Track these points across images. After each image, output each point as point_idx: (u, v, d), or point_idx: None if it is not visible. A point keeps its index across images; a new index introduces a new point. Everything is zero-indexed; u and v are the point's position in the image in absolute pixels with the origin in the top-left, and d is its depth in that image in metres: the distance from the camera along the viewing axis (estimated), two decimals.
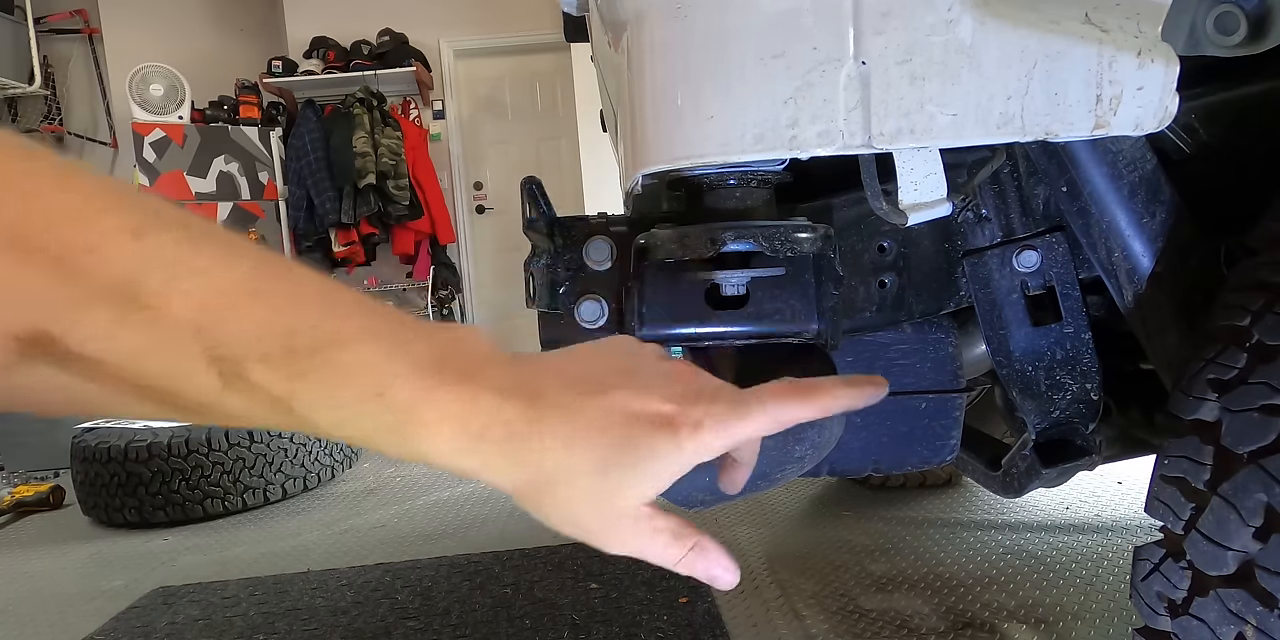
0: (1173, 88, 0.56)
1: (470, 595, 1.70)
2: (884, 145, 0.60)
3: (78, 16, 5.89)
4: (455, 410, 0.35)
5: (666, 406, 0.38)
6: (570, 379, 0.38)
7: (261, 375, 0.32)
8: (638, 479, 0.37)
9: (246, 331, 0.32)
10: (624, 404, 0.37)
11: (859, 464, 0.99)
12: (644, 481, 0.37)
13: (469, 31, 5.73)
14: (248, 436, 2.54)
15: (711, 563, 0.41)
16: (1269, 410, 0.59)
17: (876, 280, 0.90)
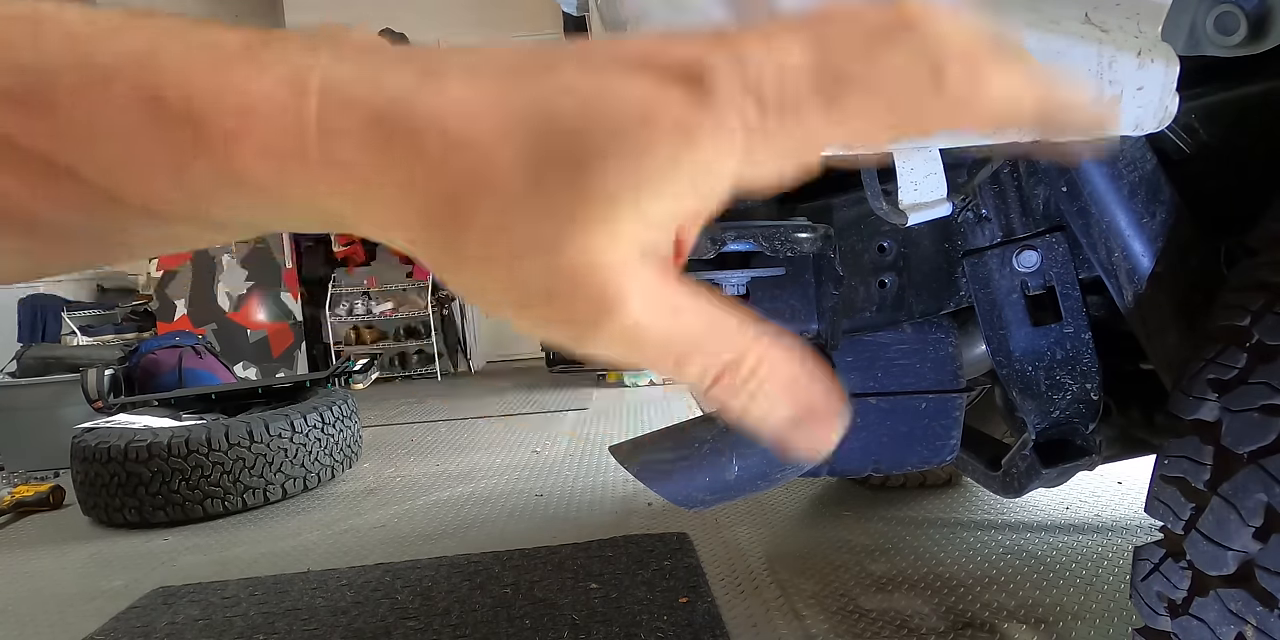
0: (1173, 88, 0.56)
1: (470, 595, 1.70)
2: None
3: None
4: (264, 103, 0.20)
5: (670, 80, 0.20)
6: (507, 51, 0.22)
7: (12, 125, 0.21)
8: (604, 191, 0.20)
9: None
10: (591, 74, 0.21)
11: (859, 464, 0.99)
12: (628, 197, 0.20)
13: (469, 32, 5.74)
14: (247, 436, 2.54)
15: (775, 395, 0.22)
16: (1269, 410, 0.59)
17: (876, 280, 0.90)
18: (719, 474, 0.76)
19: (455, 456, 3.14)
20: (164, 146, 0.21)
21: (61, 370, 3.72)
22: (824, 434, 0.22)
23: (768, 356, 0.22)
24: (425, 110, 0.20)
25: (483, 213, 0.20)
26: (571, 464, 2.84)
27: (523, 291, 0.20)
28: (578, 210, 0.20)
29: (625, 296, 0.20)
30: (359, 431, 3.03)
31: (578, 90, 0.20)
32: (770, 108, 0.20)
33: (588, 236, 0.20)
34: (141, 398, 3.23)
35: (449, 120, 0.20)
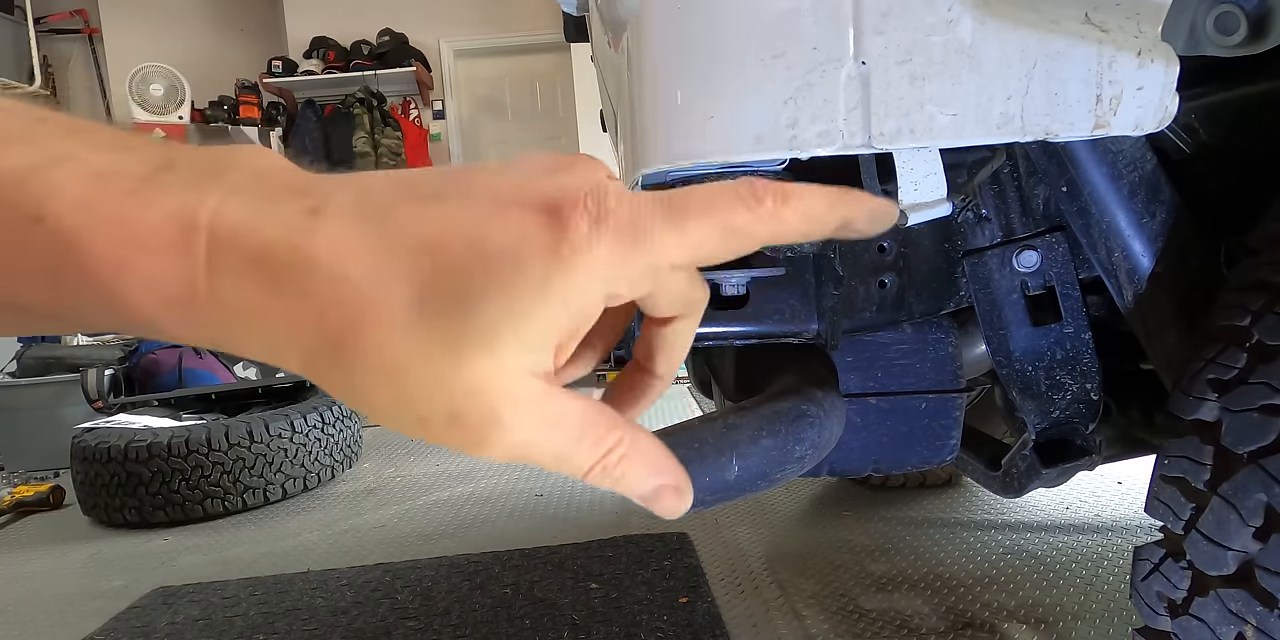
0: (1173, 88, 0.56)
1: (470, 595, 1.70)
2: (884, 145, 0.60)
3: (78, 16, 5.89)
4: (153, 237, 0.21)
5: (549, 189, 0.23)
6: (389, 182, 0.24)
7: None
8: (493, 323, 0.21)
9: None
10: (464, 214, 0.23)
11: (859, 464, 0.99)
12: (505, 327, 0.22)
13: (469, 31, 5.74)
14: (247, 436, 2.54)
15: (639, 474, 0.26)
16: (1269, 410, 0.59)
17: (876, 280, 0.90)
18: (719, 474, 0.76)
19: (455, 456, 3.14)
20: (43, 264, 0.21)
21: (61, 370, 3.72)
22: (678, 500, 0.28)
23: (630, 447, 0.25)
24: (310, 250, 0.21)
25: (368, 347, 0.21)
26: None
27: (420, 417, 0.22)
28: (462, 343, 0.21)
29: (507, 418, 0.22)
30: (359, 431, 3.03)
31: (458, 228, 0.22)
32: (625, 234, 0.23)
33: (473, 367, 0.22)
34: (141, 398, 3.23)
35: (332, 260, 0.21)
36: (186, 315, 0.22)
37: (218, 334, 0.23)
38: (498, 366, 0.22)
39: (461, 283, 0.22)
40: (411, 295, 0.21)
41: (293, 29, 5.68)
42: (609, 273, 0.23)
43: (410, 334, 0.21)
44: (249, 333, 0.22)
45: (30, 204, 0.21)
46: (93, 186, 0.21)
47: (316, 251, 0.21)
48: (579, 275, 0.22)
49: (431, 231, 0.22)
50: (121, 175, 0.22)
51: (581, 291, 0.23)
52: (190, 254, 0.21)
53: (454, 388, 0.22)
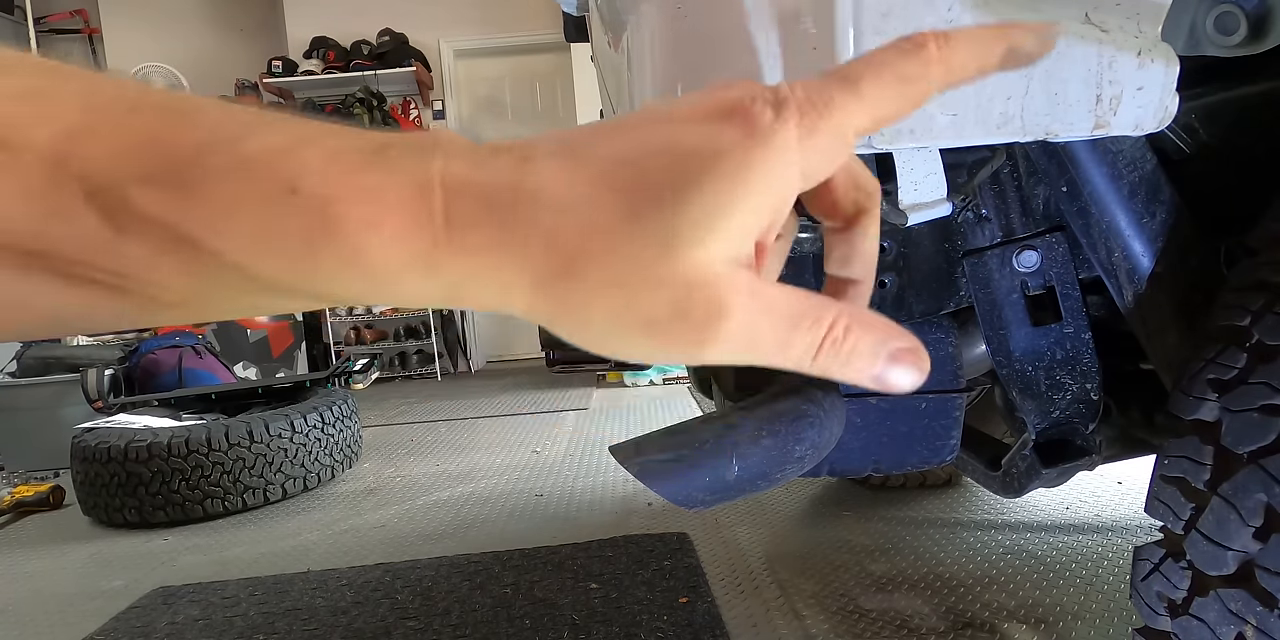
0: (1173, 88, 0.56)
1: (470, 595, 1.70)
2: (884, 145, 0.60)
3: (78, 16, 5.89)
4: (397, 198, 0.24)
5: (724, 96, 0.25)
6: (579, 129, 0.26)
7: (148, 200, 0.24)
8: (698, 216, 0.23)
9: (125, 146, 0.24)
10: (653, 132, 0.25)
11: (859, 464, 0.99)
12: (711, 219, 0.23)
13: (469, 31, 5.74)
14: (247, 436, 2.54)
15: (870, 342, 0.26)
16: (1269, 410, 0.59)
17: (877, 280, 0.90)
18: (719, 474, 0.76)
19: (455, 456, 3.14)
20: (296, 231, 0.24)
21: (61, 370, 3.72)
22: (913, 372, 0.26)
23: (852, 319, 0.25)
24: (529, 186, 0.24)
25: (595, 261, 0.24)
26: (571, 464, 2.84)
27: (648, 318, 0.24)
28: (674, 240, 0.23)
29: (731, 303, 0.24)
30: (359, 431, 3.03)
31: (651, 143, 0.24)
32: (807, 109, 0.24)
33: (689, 260, 0.23)
34: (141, 398, 3.23)
35: (549, 190, 0.24)
36: (427, 266, 0.24)
37: (455, 280, 0.25)
38: (710, 258, 0.24)
39: (664, 185, 0.23)
40: (622, 206, 0.23)
41: (293, 29, 5.68)
42: (801, 147, 0.24)
43: (628, 240, 0.23)
44: (482, 276, 0.25)
45: (286, 178, 0.24)
46: (336, 161, 0.24)
47: (534, 186, 0.24)
48: (773, 154, 0.24)
49: (628, 150, 0.24)
50: (356, 151, 0.25)
51: (778, 171, 0.24)
52: (428, 208, 0.24)
53: (675, 282, 0.23)
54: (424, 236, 0.24)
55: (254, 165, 0.24)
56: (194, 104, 0.26)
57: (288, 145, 0.24)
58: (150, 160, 0.24)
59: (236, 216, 0.24)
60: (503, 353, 6.58)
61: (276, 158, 0.24)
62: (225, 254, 0.24)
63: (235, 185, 0.24)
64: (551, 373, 5.35)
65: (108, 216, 0.24)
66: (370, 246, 0.24)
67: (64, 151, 0.23)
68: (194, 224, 0.24)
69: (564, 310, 0.25)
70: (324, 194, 0.24)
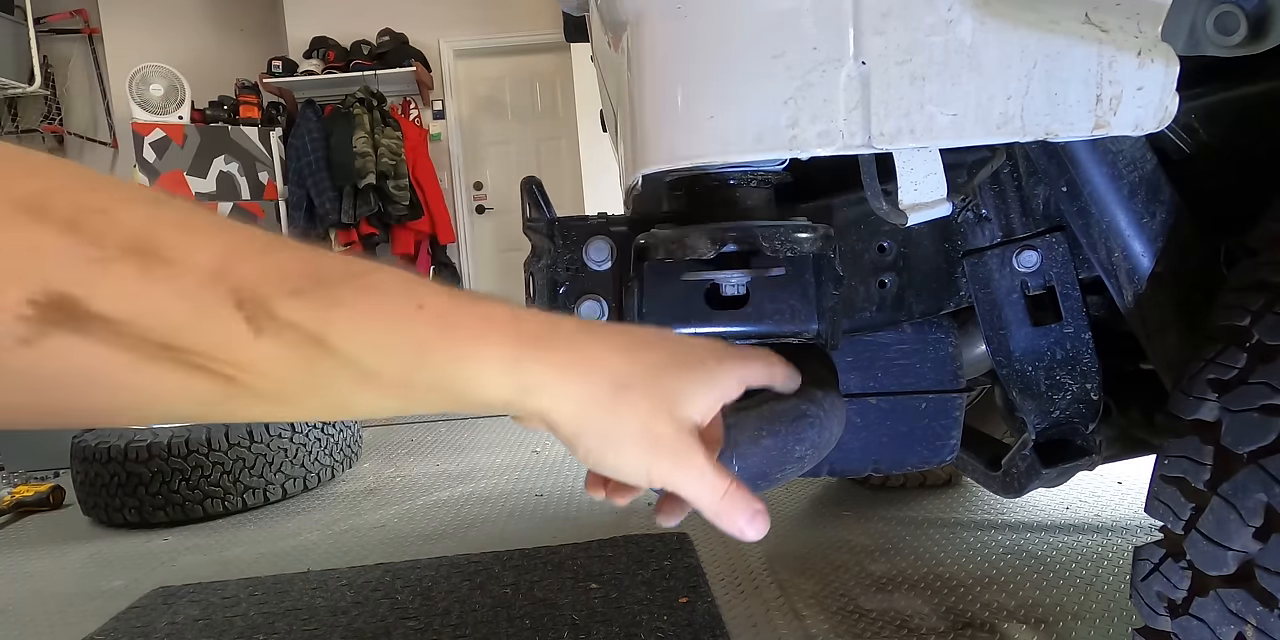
0: (1173, 88, 0.56)
1: (470, 595, 1.70)
2: (884, 145, 0.60)
3: (78, 16, 5.89)
4: (501, 318, 0.35)
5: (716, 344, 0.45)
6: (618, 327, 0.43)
7: (293, 310, 0.31)
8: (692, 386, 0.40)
9: (272, 270, 0.31)
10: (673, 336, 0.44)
11: (859, 464, 0.99)
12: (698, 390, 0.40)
13: (469, 31, 5.74)
14: (247, 436, 2.54)
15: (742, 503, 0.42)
16: (1269, 410, 0.59)
17: (876, 280, 0.90)
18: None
19: (455, 456, 3.14)
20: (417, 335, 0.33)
21: None
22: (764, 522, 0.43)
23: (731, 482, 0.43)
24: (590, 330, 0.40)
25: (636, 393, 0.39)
26: (571, 464, 2.84)
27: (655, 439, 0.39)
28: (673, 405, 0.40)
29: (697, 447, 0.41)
30: (359, 431, 3.03)
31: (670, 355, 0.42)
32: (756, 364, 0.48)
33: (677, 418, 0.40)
34: None
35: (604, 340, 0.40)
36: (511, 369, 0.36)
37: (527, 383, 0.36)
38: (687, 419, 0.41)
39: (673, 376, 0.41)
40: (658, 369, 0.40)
41: (293, 29, 5.67)
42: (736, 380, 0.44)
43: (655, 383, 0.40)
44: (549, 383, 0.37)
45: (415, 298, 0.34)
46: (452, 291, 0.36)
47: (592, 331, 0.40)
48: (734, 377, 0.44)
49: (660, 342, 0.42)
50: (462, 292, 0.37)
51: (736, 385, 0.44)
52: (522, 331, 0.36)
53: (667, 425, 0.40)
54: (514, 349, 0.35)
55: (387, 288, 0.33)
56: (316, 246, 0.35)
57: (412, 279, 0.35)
58: (298, 280, 0.32)
59: (371, 324, 0.32)
60: None
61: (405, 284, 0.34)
62: (351, 353, 0.32)
63: (373, 300, 0.33)
64: None
65: (251, 321, 0.31)
66: (475, 352, 0.34)
67: (223, 269, 0.30)
68: (331, 328, 0.32)
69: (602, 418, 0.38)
70: (446, 312, 0.34)
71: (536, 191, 0.80)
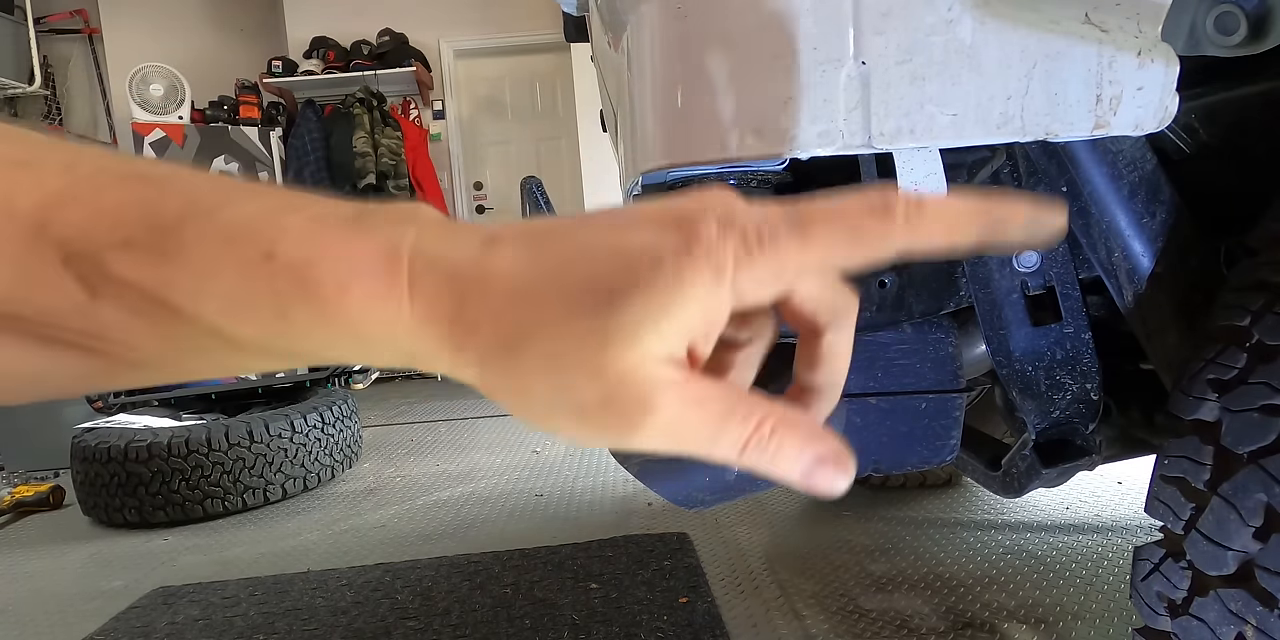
0: (1173, 88, 0.56)
1: (470, 595, 1.70)
2: (884, 145, 0.60)
3: (78, 16, 5.89)
4: (369, 263, 0.25)
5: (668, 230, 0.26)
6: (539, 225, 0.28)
7: (126, 266, 0.25)
8: (627, 320, 0.25)
9: (104, 214, 0.25)
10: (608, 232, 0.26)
11: (859, 464, 0.98)
12: (643, 323, 0.25)
13: (469, 31, 5.74)
14: (247, 436, 2.54)
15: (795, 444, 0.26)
16: (1269, 410, 0.59)
17: (876, 280, 0.90)
18: (719, 474, 0.76)
19: (455, 456, 3.14)
20: (272, 293, 0.25)
21: None
22: (838, 477, 0.27)
23: (780, 420, 0.26)
24: (488, 267, 0.26)
25: (535, 347, 0.25)
26: (571, 464, 2.84)
27: (580, 405, 0.25)
28: (611, 336, 0.25)
29: (657, 399, 0.25)
30: (359, 431, 3.03)
31: (604, 244, 0.26)
32: (751, 241, 0.25)
33: (622, 357, 0.25)
34: (141, 397, 3.23)
35: (507, 278, 0.25)
36: (390, 332, 0.26)
37: (412, 349, 0.26)
38: (643, 355, 0.25)
39: (608, 285, 0.25)
40: (568, 301, 0.25)
41: (293, 29, 5.67)
42: (734, 270, 0.25)
43: (568, 331, 0.25)
44: (439, 345, 0.26)
45: (264, 243, 0.25)
46: (313, 227, 0.26)
47: (494, 269, 0.26)
48: (708, 273, 0.25)
49: (583, 247, 0.26)
50: (335, 218, 0.26)
51: (710, 289, 0.25)
52: (397, 276, 0.25)
53: (607, 376, 0.25)
54: (390, 304, 0.25)
55: (233, 231, 0.25)
56: (176, 173, 0.27)
57: (267, 212, 0.26)
58: (130, 227, 0.25)
59: (214, 280, 0.25)
60: None
61: (255, 224, 0.25)
62: (202, 317, 0.25)
63: (214, 250, 0.25)
64: None
65: (84, 281, 0.25)
66: (341, 308, 0.25)
67: (45, 218, 0.24)
68: (171, 288, 0.25)
69: (506, 385, 0.26)
70: (300, 257, 0.25)
71: (536, 191, 0.80)
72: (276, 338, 0.26)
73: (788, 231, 0.26)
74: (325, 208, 0.26)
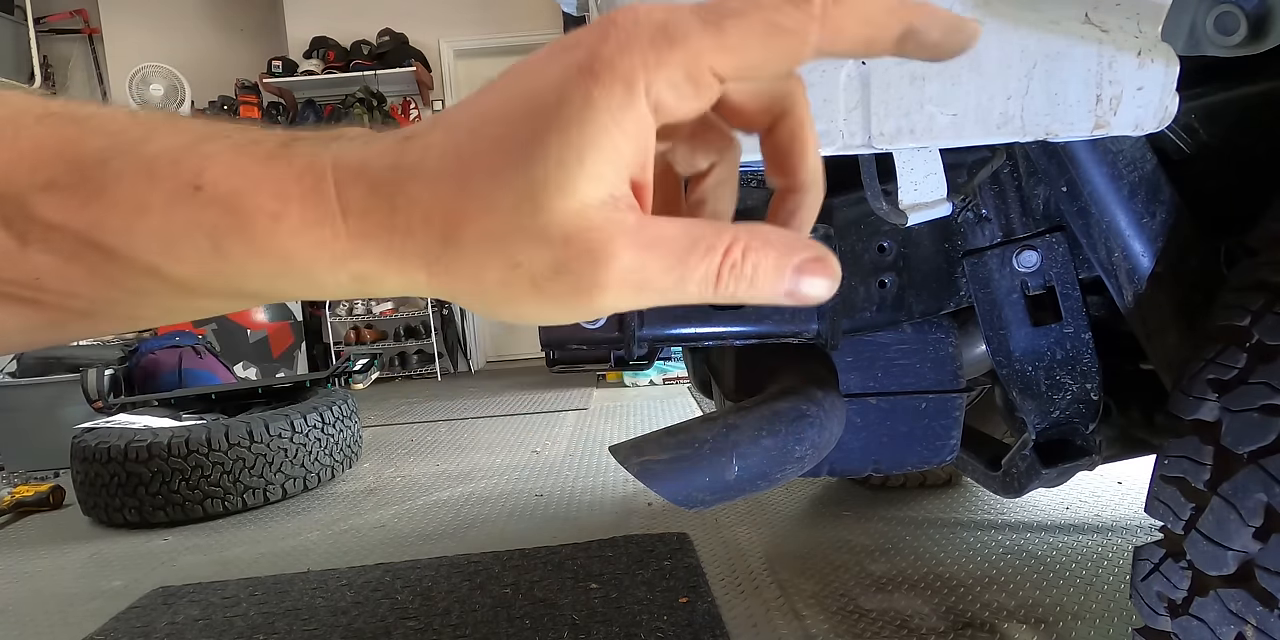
0: (1173, 88, 0.56)
1: (470, 595, 1.70)
2: (884, 145, 0.60)
3: (78, 16, 5.89)
4: (296, 187, 0.24)
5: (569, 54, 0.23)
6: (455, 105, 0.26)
7: (51, 209, 0.23)
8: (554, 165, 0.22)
9: (25, 156, 0.24)
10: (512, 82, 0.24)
11: (859, 464, 0.99)
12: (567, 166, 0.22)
13: (469, 31, 5.74)
14: (247, 436, 2.54)
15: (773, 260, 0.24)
16: (1269, 410, 0.59)
17: (876, 280, 0.90)
18: (719, 474, 0.76)
19: (455, 456, 3.14)
20: (205, 227, 0.24)
21: (61, 370, 3.72)
22: (828, 273, 0.24)
23: (750, 237, 0.24)
24: (405, 163, 0.24)
25: (472, 227, 0.23)
26: (571, 464, 2.84)
27: (533, 276, 0.23)
28: (538, 192, 0.23)
29: (610, 245, 0.23)
30: (359, 431, 3.03)
31: (510, 97, 0.24)
32: (661, 42, 0.23)
33: (556, 210, 0.23)
34: (141, 398, 3.23)
35: (425, 165, 0.24)
36: (332, 257, 0.24)
37: (360, 270, 0.25)
38: (579, 204, 0.23)
39: (521, 136, 0.23)
40: (487, 165, 0.23)
41: (293, 29, 5.68)
42: (646, 79, 0.22)
43: (497, 200, 0.23)
44: (383, 260, 0.24)
45: (189, 174, 0.24)
46: (239, 154, 0.24)
47: (411, 162, 0.24)
48: (617, 87, 0.22)
49: (490, 108, 0.24)
50: (260, 144, 0.25)
51: (624, 105, 0.22)
52: (325, 197, 0.24)
53: (550, 235, 0.23)
54: (325, 227, 0.24)
55: (158, 164, 0.24)
56: (99, 111, 0.26)
57: (191, 142, 0.24)
58: (52, 168, 0.24)
59: (144, 218, 0.24)
60: (503, 353, 6.58)
61: (180, 155, 0.24)
62: (137, 257, 0.24)
63: (140, 185, 0.24)
64: (551, 373, 5.35)
65: (10, 228, 0.24)
66: (276, 238, 0.24)
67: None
68: (101, 229, 0.24)
69: (458, 281, 0.24)
70: (228, 188, 0.23)
71: None
72: (215, 276, 0.25)
73: (699, 29, 0.23)
74: (251, 134, 0.25)
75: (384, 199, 0.24)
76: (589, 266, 0.23)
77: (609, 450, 0.84)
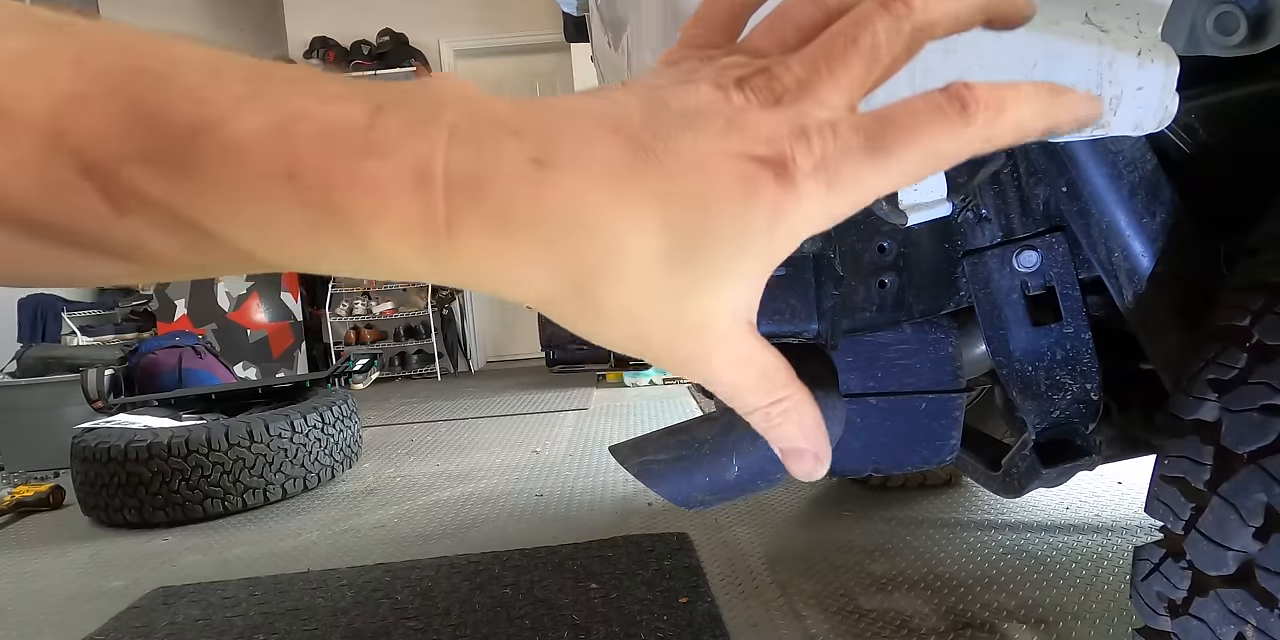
0: (1173, 88, 0.56)
1: (470, 595, 1.70)
2: None
3: None
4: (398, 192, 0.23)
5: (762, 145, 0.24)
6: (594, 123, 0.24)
7: (146, 181, 0.23)
8: (722, 269, 0.24)
9: (114, 124, 0.23)
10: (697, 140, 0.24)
11: (859, 464, 0.99)
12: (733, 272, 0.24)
13: (469, 31, 5.74)
14: (247, 436, 2.54)
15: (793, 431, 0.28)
16: (1269, 410, 0.59)
17: (876, 280, 0.90)
18: (719, 474, 0.76)
19: (455, 456, 3.14)
20: (300, 217, 0.23)
21: (61, 370, 3.72)
22: (815, 465, 0.29)
23: (795, 404, 0.28)
24: (546, 204, 0.23)
25: (609, 292, 0.24)
26: (571, 464, 2.84)
27: (646, 342, 0.26)
28: (699, 289, 0.25)
29: (713, 356, 0.26)
30: (359, 431, 3.03)
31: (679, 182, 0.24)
32: (833, 170, 0.24)
33: (702, 310, 0.25)
34: (141, 398, 3.23)
35: (569, 214, 0.23)
36: (433, 260, 0.24)
37: (463, 277, 0.25)
38: (720, 310, 0.25)
39: (694, 233, 0.23)
40: (648, 245, 0.23)
41: (293, 29, 5.68)
42: (821, 205, 0.24)
43: (649, 281, 0.24)
44: (492, 275, 0.24)
45: (282, 163, 0.23)
46: (331, 142, 0.23)
47: (552, 206, 0.23)
48: (796, 220, 0.24)
49: (657, 184, 0.23)
50: (350, 130, 0.23)
51: (801, 224, 0.24)
52: (430, 205, 0.23)
53: (682, 325, 0.25)
54: (426, 234, 0.23)
55: (249, 149, 0.23)
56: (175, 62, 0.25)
57: (279, 124, 0.23)
58: (144, 139, 0.23)
59: (239, 203, 0.23)
60: (503, 353, 6.58)
61: (270, 140, 0.23)
62: (234, 241, 0.24)
63: (233, 170, 0.23)
64: (551, 373, 5.35)
65: (106, 194, 0.23)
66: (374, 237, 0.23)
67: (59, 126, 0.22)
68: (198, 210, 0.23)
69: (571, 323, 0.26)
70: (323, 181, 0.23)
71: None
72: (312, 260, 0.25)
73: (870, 167, 0.24)
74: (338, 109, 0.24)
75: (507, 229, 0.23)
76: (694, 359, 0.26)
77: (609, 450, 0.84)
